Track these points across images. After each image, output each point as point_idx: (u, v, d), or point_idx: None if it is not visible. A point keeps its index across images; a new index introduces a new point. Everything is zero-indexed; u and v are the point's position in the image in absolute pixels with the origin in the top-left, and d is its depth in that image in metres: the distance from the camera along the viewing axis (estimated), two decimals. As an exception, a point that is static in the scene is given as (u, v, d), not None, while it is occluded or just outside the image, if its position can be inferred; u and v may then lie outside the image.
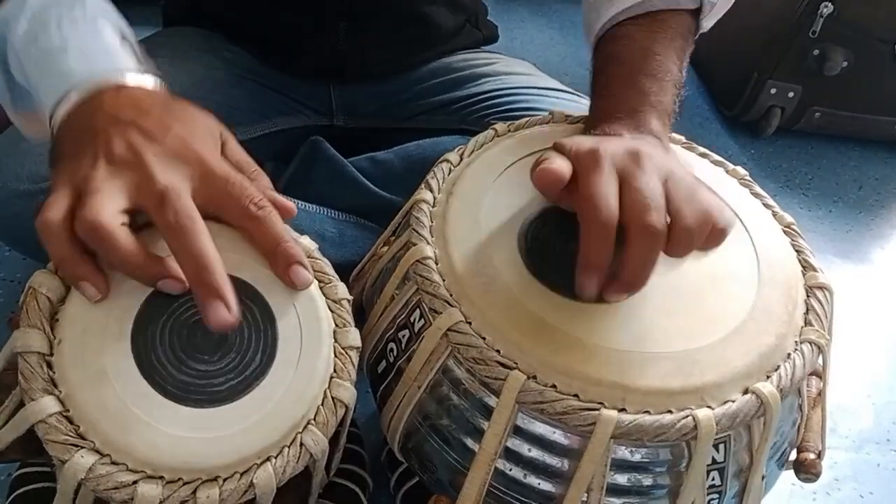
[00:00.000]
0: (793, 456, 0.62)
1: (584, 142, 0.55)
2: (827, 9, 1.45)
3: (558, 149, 0.55)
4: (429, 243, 0.57)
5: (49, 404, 0.45)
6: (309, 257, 0.57)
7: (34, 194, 0.72)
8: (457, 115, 0.94)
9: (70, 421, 0.46)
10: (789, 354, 0.54)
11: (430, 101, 0.96)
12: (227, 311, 0.46)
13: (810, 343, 0.55)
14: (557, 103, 0.89)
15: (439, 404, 0.55)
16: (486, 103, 0.93)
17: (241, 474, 0.47)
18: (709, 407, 0.50)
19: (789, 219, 0.64)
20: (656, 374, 0.51)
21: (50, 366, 0.47)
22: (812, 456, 0.61)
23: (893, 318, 1.30)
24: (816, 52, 1.51)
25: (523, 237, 0.58)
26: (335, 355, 0.53)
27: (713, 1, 0.70)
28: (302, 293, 0.54)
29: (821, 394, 0.63)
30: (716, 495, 0.54)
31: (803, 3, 1.47)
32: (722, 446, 0.52)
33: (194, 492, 0.46)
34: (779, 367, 0.53)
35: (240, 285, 0.52)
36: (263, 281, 0.53)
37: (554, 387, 0.50)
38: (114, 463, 0.45)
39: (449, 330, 0.53)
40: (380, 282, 0.63)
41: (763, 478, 0.56)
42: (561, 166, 0.52)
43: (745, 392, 0.51)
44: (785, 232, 0.63)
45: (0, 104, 0.59)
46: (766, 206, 0.65)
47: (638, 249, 0.51)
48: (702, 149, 0.70)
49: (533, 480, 0.52)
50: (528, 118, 0.70)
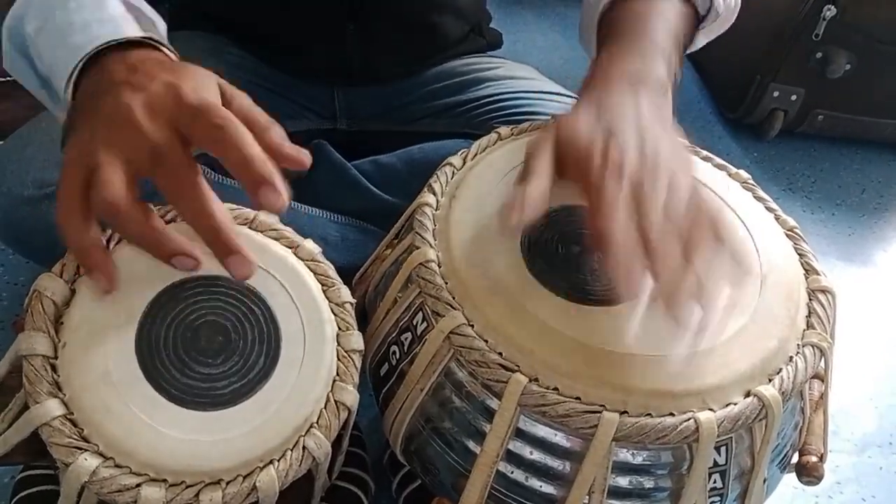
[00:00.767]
0: (795, 459, 0.62)
1: (586, 137, 0.53)
2: (830, 11, 1.45)
3: (563, 131, 0.55)
4: (432, 246, 0.57)
5: (53, 407, 0.45)
6: (312, 261, 0.57)
7: (38, 199, 0.72)
8: (460, 119, 0.94)
9: (74, 424, 0.46)
10: (791, 357, 0.54)
11: (434, 105, 0.96)
12: (248, 264, 0.46)
13: (812, 346, 0.55)
14: (560, 107, 0.90)
15: (441, 407, 0.55)
16: (490, 107, 0.93)
17: (244, 477, 0.47)
18: (710, 409, 0.50)
19: (792, 222, 0.64)
20: (658, 376, 0.51)
21: (54, 369, 0.47)
22: (814, 459, 0.61)
23: (896, 320, 1.30)
24: (819, 54, 1.51)
25: (526, 240, 0.58)
26: (338, 359, 0.53)
27: (719, 12, 0.70)
28: (305, 296, 0.54)
29: (823, 397, 0.63)
30: (717, 498, 0.54)
31: (806, 5, 1.47)
32: (724, 449, 0.52)
33: (197, 495, 0.46)
34: (781, 370, 0.53)
35: (243, 289, 0.53)
36: (267, 284, 0.53)
37: (556, 389, 0.50)
38: (117, 466, 0.45)
39: (451, 333, 0.53)
40: (383, 285, 0.63)
41: (765, 480, 0.56)
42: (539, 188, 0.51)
43: (747, 395, 0.51)
44: (787, 235, 0.63)
45: (48, 109, 0.59)
46: (769, 209, 0.65)
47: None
48: (704, 152, 0.70)
49: (535, 483, 0.53)
50: (530, 122, 0.70)
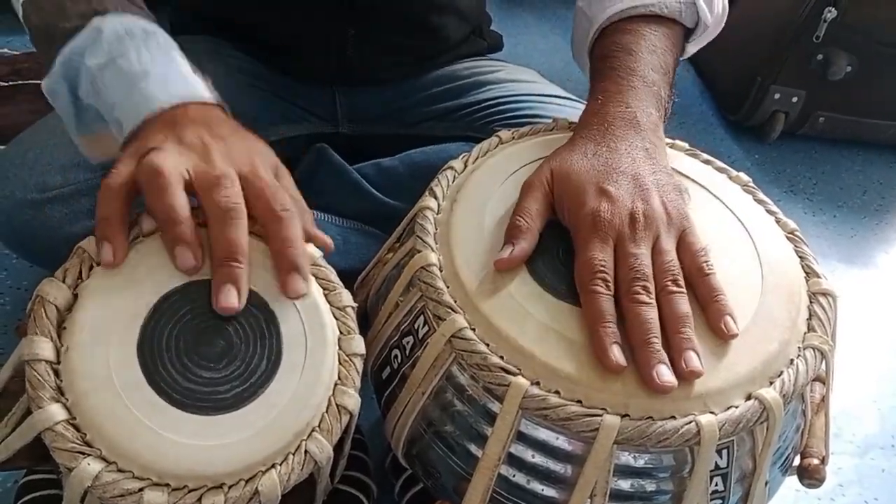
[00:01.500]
0: (797, 461, 0.62)
1: (585, 200, 0.57)
2: (830, 13, 1.46)
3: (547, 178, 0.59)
4: (433, 250, 0.58)
5: (56, 412, 0.46)
6: (313, 265, 0.57)
7: (41, 203, 0.72)
8: (462, 122, 0.95)
9: (77, 428, 0.46)
10: (792, 360, 0.54)
11: (435, 109, 0.96)
12: (236, 298, 0.50)
13: (813, 349, 0.55)
14: (561, 110, 0.90)
15: (443, 410, 0.55)
16: (491, 110, 0.93)
17: (246, 481, 0.47)
18: (712, 412, 0.50)
19: (792, 225, 0.64)
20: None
21: (57, 374, 0.47)
22: (816, 461, 0.61)
23: (898, 322, 1.30)
24: (820, 56, 1.51)
25: (527, 244, 0.58)
26: (339, 363, 0.54)
27: (707, 24, 0.71)
28: (307, 301, 0.54)
29: (824, 399, 0.63)
30: (719, 501, 0.54)
31: (807, 7, 1.47)
32: (725, 452, 0.52)
33: (200, 499, 0.46)
34: (782, 372, 0.53)
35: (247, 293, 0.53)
36: (269, 290, 0.54)
37: (557, 393, 0.50)
38: (120, 470, 0.45)
39: (453, 336, 0.53)
40: (384, 289, 0.63)
41: (766, 483, 0.56)
42: (521, 251, 0.56)
43: (748, 398, 0.52)
44: (788, 238, 0.63)
45: (65, 127, 0.62)
46: (770, 212, 0.65)
47: (635, 317, 0.52)
48: (705, 155, 0.70)
49: (536, 486, 0.53)
50: (531, 126, 0.70)
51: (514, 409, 0.51)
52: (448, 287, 0.55)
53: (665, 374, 0.50)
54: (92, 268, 0.52)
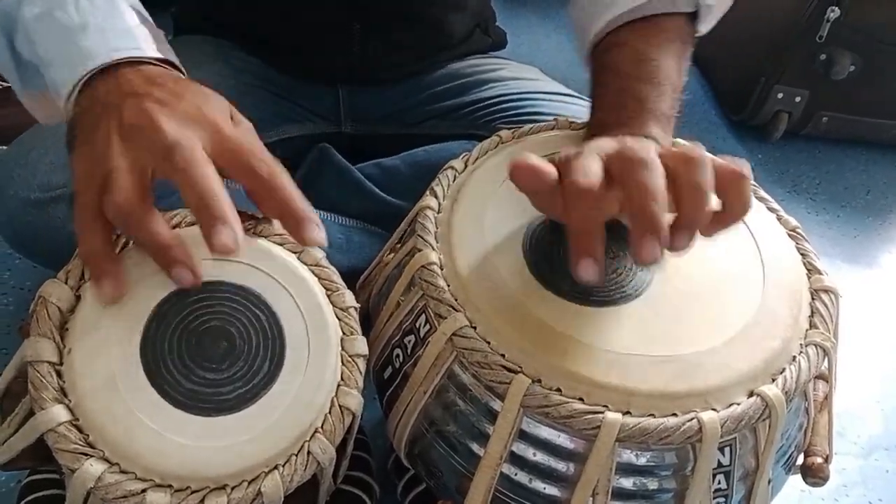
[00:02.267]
0: (800, 460, 0.62)
1: (571, 149, 0.53)
2: (833, 13, 1.45)
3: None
4: (434, 249, 0.58)
5: (59, 413, 0.46)
6: (316, 265, 0.57)
7: (45, 203, 0.72)
8: (464, 121, 0.95)
9: (79, 430, 0.46)
10: (794, 357, 0.54)
11: (438, 107, 0.96)
12: (230, 233, 0.46)
13: (815, 346, 0.55)
14: (564, 108, 0.90)
15: (445, 410, 0.55)
16: (494, 108, 0.93)
17: (249, 482, 0.47)
18: (713, 410, 0.50)
19: (794, 223, 0.64)
20: (661, 377, 0.51)
21: (59, 375, 0.47)
22: (819, 460, 0.61)
23: (903, 322, 1.30)
24: (823, 56, 1.51)
25: (528, 242, 0.58)
26: (342, 363, 0.54)
27: (709, 3, 0.70)
28: (310, 301, 0.54)
29: (827, 397, 0.63)
30: (722, 499, 0.54)
31: (810, 7, 1.47)
32: (727, 449, 0.52)
33: (202, 500, 0.46)
34: (784, 370, 0.53)
35: (247, 294, 0.53)
36: (271, 290, 0.54)
37: (559, 390, 0.50)
38: (123, 472, 0.46)
39: (454, 335, 0.53)
40: (386, 288, 0.63)
41: (770, 482, 0.56)
42: (538, 162, 0.50)
43: (750, 395, 0.51)
44: (790, 235, 0.63)
45: (10, 85, 0.59)
46: (771, 209, 0.65)
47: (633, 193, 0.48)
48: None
49: (538, 485, 0.53)
50: (532, 125, 0.70)
51: (516, 407, 0.51)
52: (449, 286, 0.55)
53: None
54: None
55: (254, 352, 0.51)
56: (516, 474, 0.53)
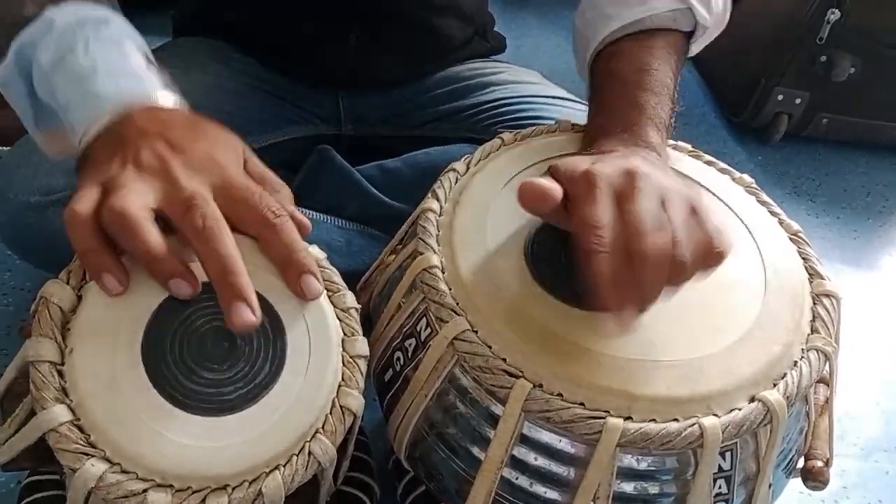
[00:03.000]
0: (800, 464, 0.62)
1: (578, 163, 0.53)
2: (834, 15, 1.45)
3: (552, 173, 0.54)
4: (435, 252, 0.57)
5: (60, 413, 0.46)
6: (318, 267, 0.57)
7: (45, 206, 0.72)
8: (465, 124, 0.95)
9: (81, 430, 0.46)
10: (796, 362, 0.54)
11: (439, 110, 0.96)
12: (250, 313, 0.47)
13: (817, 351, 0.55)
14: (564, 111, 0.90)
15: (446, 413, 0.55)
16: (494, 112, 0.93)
17: (250, 483, 0.47)
18: (715, 415, 0.50)
19: (796, 227, 0.64)
20: (662, 382, 0.51)
21: (61, 375, 0.47)
22: (819, 464, 0.61)
23: (902, 324, 1.30)
24: (823, 58, 1.51)
25: (529, 246, 0.58)
26: (343, 364, 0.53)
27: (706, 25, 0.71)
28: (311, 302, 0.54)
29: (828, 401, 0.63)
30: (722, 503, 0.54)
31: (810, 9, 1.47)
32: (728, 454, 0.52)
33: (203, 500, 0.46)
34: (785, 374, 0.53)
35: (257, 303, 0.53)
36: (273, 290, 0.53)
37: (560, 395, 0.50)
38: (124, 472, 0.45)
39: (455, 339, 0.53)
40: (387, 291, 0.63)
41: (770, 486, 0.56)
42: (546, 184, 0.51)
43: (752, 400, 0.51)
44: (792, 240, 0.63)
45: (23, 123, 0.60)
46: (773, 213, 0.65)
47: (644, 278, 0.48)
48: (708, 157, 0.70)
49: (539, 489, 0.53)
50: (534, 127, 0.70)
51: (517, 411, 0.51)
52: (450, 289, 0.55)
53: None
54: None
55: (255, 352, 0.51)
56: (517, 478, 0.53)
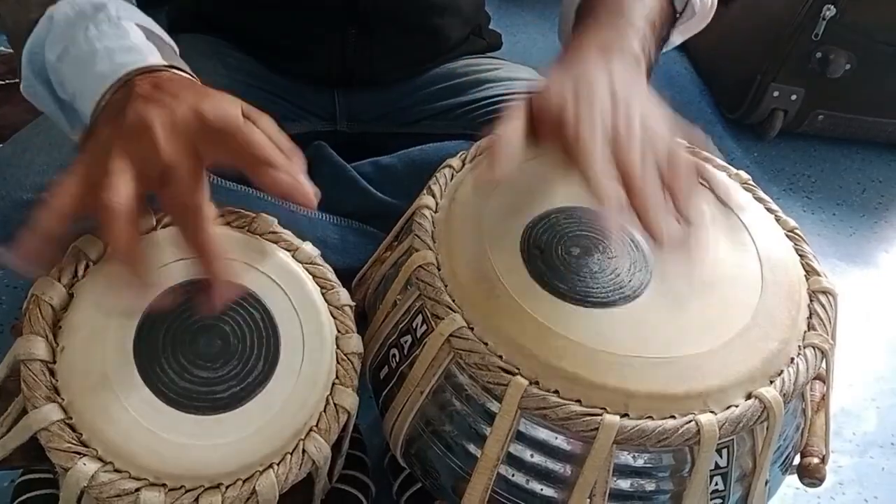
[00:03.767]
0: (797, 460, 0.62)
1: (558, 100, 0.55)
2: (829, 11, 1.45)
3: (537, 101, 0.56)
4: (431, 249, 0.57)
5: (52, 412, 0.45)
6: (311, 263, 0.57)
7: (38, 204, 0.72)
8: (460, 121, 0.94)
9: (73, 428, 0.46)
10: (792, 359, 0.54)
11: (434, 107, 0.96)
12: (226, 290, 0.48)
13: (814, 348, 0.55)
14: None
15: (441, 410, 0.55)
16: (490, 108, 0.93)
17: (244, 481, 0.47)
18: (712, 412, 0.50)
19: (792, 223, 0.64)
20: (659, 379, 0.51)
21: (53, 373, 0.47)
22: (816, 460, 0.61)
23: (898, 320, 1.30)
24: (819, 54, 1.51)
25: (525, 243, 0.58)
26: (337, 361, 0.53)
27: (695, 10, 0.72)
28: (304, 299, 0.54)
29: (824, 398, 0.63)
30: (719, 500, 0.54)
31: (806, 5, 1.47)
32: (725, 451, 0.52)
33: (197, 499, 0.46)
34: (782, 371, 0.53)
35: (242, 293, 0.53)
36: (266, 288, 0.53)
37: (556, 392, 0.50)
38: (116, 470, 0.45)
39: (451, 335, 0.53)
40: (382, 287, 0.63)
41: (766, 482, 0.56)
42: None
43: (749, 397, 0.51)
44: (788, 236, 0.63)
45: (63, 130, 0.61)
46: (770, 210, 0.65)
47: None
48: (705, 153, 0.70)
49: (535, 486, 0.52)
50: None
51: (513, 408, 0.50)
52: (446, 286, 0.55)
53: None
54: (87, 267, 0.51)
55: (248, 350, 0.51)
56: (513, 475, 0.53)
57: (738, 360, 0.52)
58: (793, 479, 0.63)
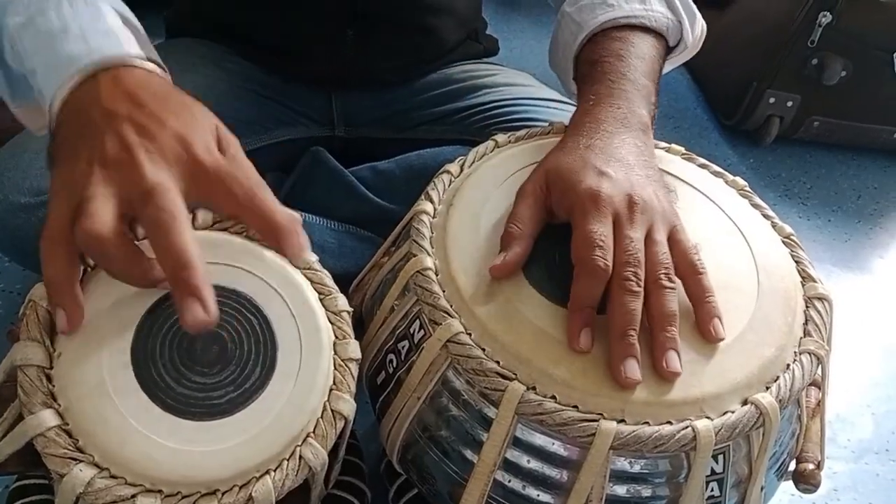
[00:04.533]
0: (792, 466, 0.62)
1: (580, 174, 0.57)
2: (825, 18, 1.46)
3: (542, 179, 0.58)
4: (429, 254, 0.57)
5: (48, 418, 0.45)
6: (309, 269, 0.57)
7: (35, 207, 0.72)
8: (457, 126, 0.95)
9: (69, 434, 0.46)
10: (788, 365, 0.54)
11: (431, 112, 0.96)
12: (202, 312, 0.43)
13: (810, 354, 0.55)
14: (556, 114, 0.90)
15: (438, 416, 0.55)
16: (487, 114, 0.93)
17: (241, 488, 0.47)
18: (708, 418, 0.50)
19: (788, 230, 0.64)
20: (655, 385, 0.51)
21: (49, 379, 0.47)
22: (811, 466, 0.61)
23: (892, 326, 1.30)
24: (815, 61, 1.51)
25: (523, 249, 0.58)
26: (335, 367, 0.53)
27: (686, 45, 0.74)
28: (302, 305, 0.54)
29: (820, 404, 0.63)
30: (715, 506, 0.54)
31: (802, 12, 1.48)
32: (721, 457, 0.52)
33: (193, 505, 0.46)
34: (778, 378, 0.53)
35: (239, 298, 0.53)
36: (263, 293, 0.53)
37: (553, 398, 0.50)
38: (112, 476, 0.45)
39: (448, 341, 0.53)
40: (379, 293, 0.63)
41: (762, 488, 0.56)
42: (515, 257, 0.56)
43: (745, 403, 0.51)
44: (784, 243, 0.63)
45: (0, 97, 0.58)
46: (766, 216, 0.65)
47: (620, 302, 0.52)
48: (701, 160, 0.70)
49: (532, 492, 0.52)
50: (528, 129, 0.70)
51: (510, 414, 0.50)
52: (444, 291, 0.55)
53: (632, 369, 0.50)
54: (85, 271, 0.51)
55: (245, 356, 0.51)
56: (510, 481, 0.53)
57: (735, 366, 0.52)
58: (788, 485, 0.63)
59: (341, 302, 0.56)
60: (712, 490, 0.53)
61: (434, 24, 0.94)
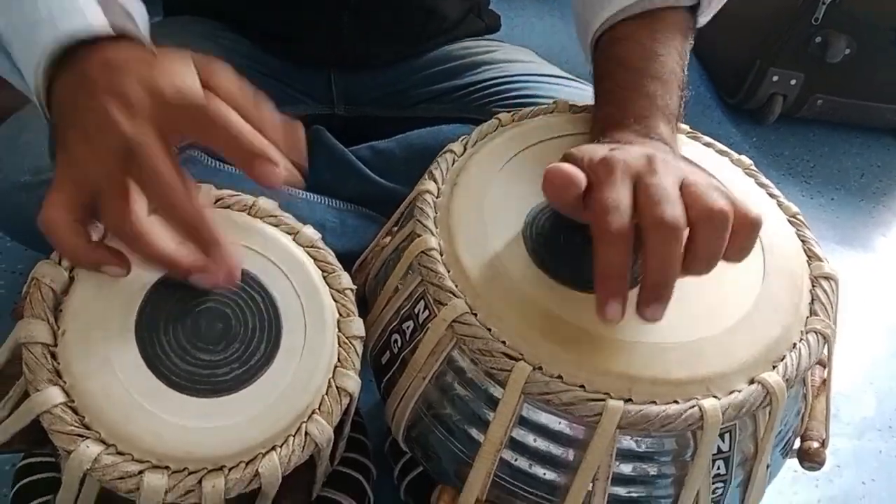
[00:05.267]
0: (797, 444, 0.62)
1: (597, 150, 0.52)
2: (829, -5, 1.45)
3: (568, 158, 0.53)
4: (433, 234, 0.57)
5: (54, 395, 0.45)
6: (312, 247, 0.57)
7: (35, 186, 0.72)
8: (458, 104, 0.94)
9: (75, 411, 0.46)
10: (795, 345, 0.54)
11: (431, 90, 0.95)
12: (228, 256, 0.48)
13: (816, 333, 0.55)
14: (559, 90, 0.89)
15: (444, 395, 0.55)
16: (487, 91, 0.92)
17: (247, 464, 0.47)
18: (715, 397, 0.50)
19: (794, 209, 0.64)
20: (662, 364, 0.50)
21: (54, 356, 0.47)
22: (816, 444, 0.61)
23: (895, 304, 1.31)
24: (819, 39, 1.50)
25: (528, 228, 0.57)
26: (339, 345, 0.53)
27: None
28: (306, 283, 0.54)
29: (825, 383, 0.63)
30: (721, 484, 0.54)
31: (805, -10, 1.47)
32: (727, 436, 0.52)
33: (199, 481, 0.46)
34: (784, 357, 0.53)
35: (244, 275, 0.52)
36: (267, 271, 0.53)
37: (560, 377, 0.50)
38: (119, 453, 0.45)
39: (454, 321, 0.52)
40: (383, 273, 0.62)
41: (768, 466, 0.56)
42: (572, 170, 0.50)
43: (751, 382, 0.51)
44: (790, 222, 0.63)
45: None
46: (771, 195, 0.65)
47: (655, 246, 0.47)
48: (706, 138, 0.70)
49: (538, 470, 0.52)
50: (532, 108, 0.69)
51: (517, 393, 0.50)
52: (449, 272, 0.55)
53: (654, 311, 0.48)
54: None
55: (250, 333, 0.51)
56: (516, 460, 0.53)
57: (741, 346, 0.52)
58: (792, 463, 0.63)
59: (345, 279, 0.56)
60: (718, 468, 0.53)
61: (433, 1, 0.93)
